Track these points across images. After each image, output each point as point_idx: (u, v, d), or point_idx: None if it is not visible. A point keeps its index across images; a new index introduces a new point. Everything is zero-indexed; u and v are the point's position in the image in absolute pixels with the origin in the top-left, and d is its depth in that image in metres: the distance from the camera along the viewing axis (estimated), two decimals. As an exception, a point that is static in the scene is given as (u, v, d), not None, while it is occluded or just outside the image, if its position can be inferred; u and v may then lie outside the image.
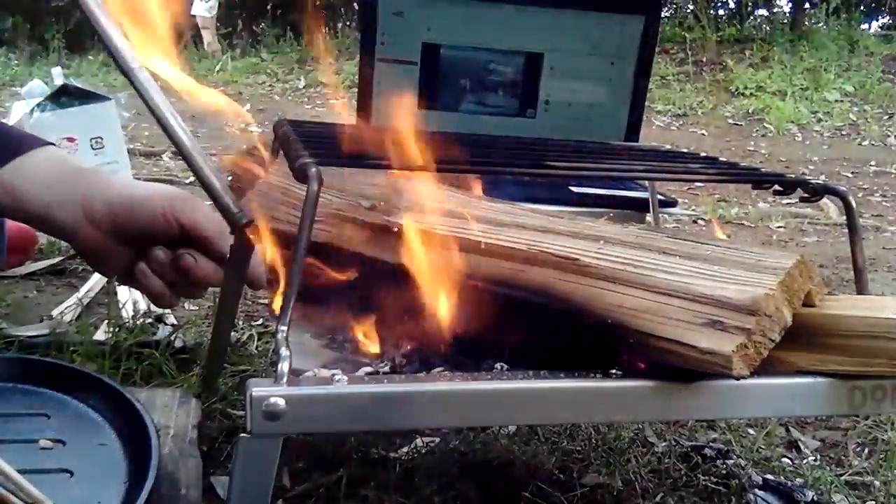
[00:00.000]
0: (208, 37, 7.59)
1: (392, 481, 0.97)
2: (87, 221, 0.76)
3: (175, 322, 1.43)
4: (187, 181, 2.88)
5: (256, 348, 1.38)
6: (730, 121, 5.32)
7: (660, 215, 1.21)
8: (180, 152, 0.68)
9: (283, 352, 0.58)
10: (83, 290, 1.57)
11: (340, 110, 1.05)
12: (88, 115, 1.97)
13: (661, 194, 1.24)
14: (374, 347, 0.75)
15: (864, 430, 1.23)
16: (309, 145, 0.71)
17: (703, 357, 0.59)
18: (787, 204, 3.01)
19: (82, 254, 0.80)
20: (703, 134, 5.04)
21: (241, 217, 0.70)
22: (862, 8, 7.61)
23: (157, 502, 0.77)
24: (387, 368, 0.70)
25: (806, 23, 7.36)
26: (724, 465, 1.07)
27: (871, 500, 1.05)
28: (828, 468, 1.12)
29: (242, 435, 0.57)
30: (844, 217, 0.79)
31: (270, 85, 6.46)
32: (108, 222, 0.76)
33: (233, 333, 1.28)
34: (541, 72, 1.37)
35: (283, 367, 0.57)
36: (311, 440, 1.04)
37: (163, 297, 0.78)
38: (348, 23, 8.12)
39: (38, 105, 1.97)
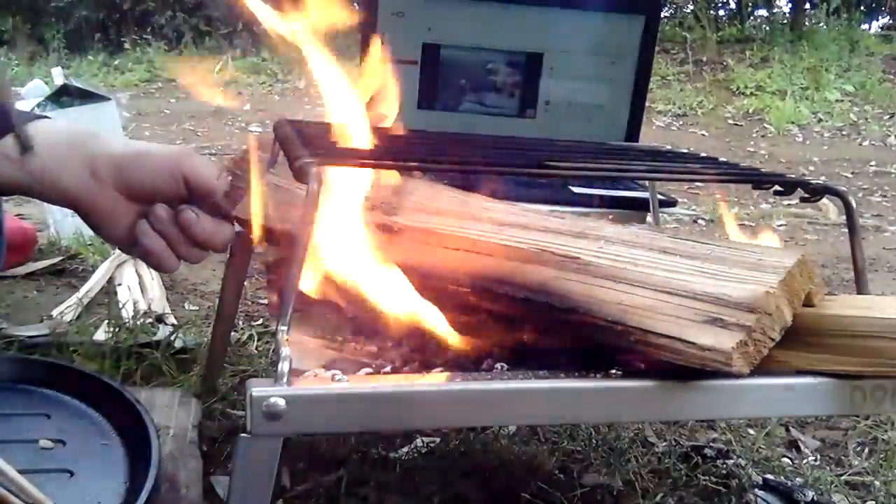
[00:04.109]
0: None
1: (392, 481, 0.97)
2: (91, 178, 0.74)
3: (175, 322, 1.43)
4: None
5: (256, 348, 1.38)
6: (730, 121, 5.32)
7: (660, 215, 1.21)
8: None
9: (284, 352, 0.58)
10: (83, 290, 1.57)
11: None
12: (88, 115, 1.97)
13: (661, 194, 1.24)
14: (374, 347, 0.75)
15: (864, 430, 1.23)
16: (309, 145, 0.71)
17: (702, 354, 0.59)
18: (788, 204, 3.00)
19: (87, 215, 0.77)
20: (703, 134, 5.04)
21: None
22: (862, 8, 7.59)
23: (157, 502, 0.77)
24: (387, 368, 0.70)
25: (806, 23, 7.35)
26: (724, 465, 1.07)
27: (871, 500, 1.05)
28: (828, 468, 1.12)
29: (242, 435, 0.57)
30: (844, 217, 0.79)
31: (270, 85, 6.46)
32: (114, 176, 0.74)
33: (233, 333, 1.28)
34: (541, 72, 1.36)
35: (283, 367, 0.57)
36: (311, 440, 1.04)
37: (161, 258, 0.75)
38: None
39: (38, 105, 1.97)
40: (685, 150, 1.08)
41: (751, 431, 1.20)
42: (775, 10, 7.88)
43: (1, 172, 0.74)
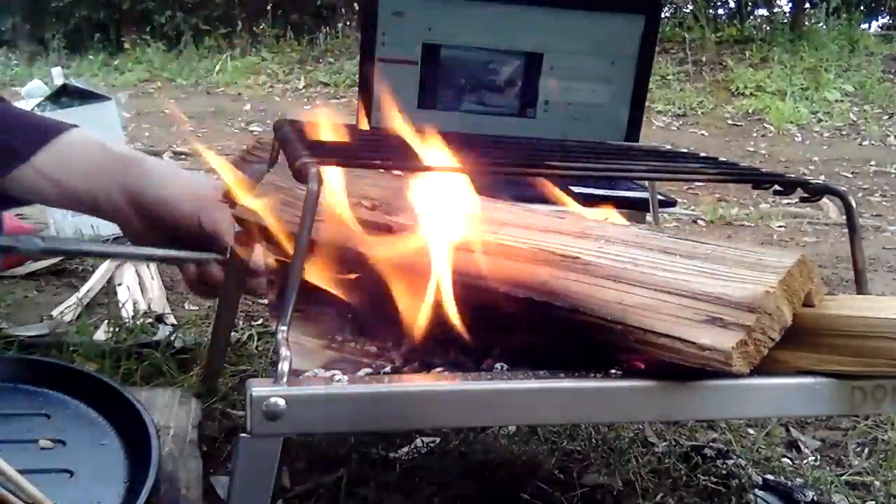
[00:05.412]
0: None
1: (392, 481, 0.97)
2: (129, 209, 0.87)
3: (175, 322, 1.43)
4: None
5: (256, 348, 1.38)
6: (730, 121, 5.32)
7: (660, 215, 1.21)
8: None
9: (283, 352, 0.58)
10: (83, 290, 1.57)
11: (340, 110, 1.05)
12: (88, 115, 1.97)
13: (661, 194, 1.24)
14: (374, 347, 0.75)
15: (864, 430, 1.23)
16: (309, 145, 0.71)
17: (702, 353, 0.59)
18: (788, 204, 3.01)
19: (125, 234, 0.94)
20: (703, 134, 5.04)
21: None
22: (862, 8, 7.59)
23: (157, 502, 0.77)
24: (387, 368, 0.70)
25: (806, 23, 7.35)
26: (724, 465, 1.07)
27: (871, 500, 1.05)
28: (828, 468, 1.12)
29: (242, 435, 0.57)
30: (844, 217, 0.79)
31: (271, 85, 6.46)
32: (145, 216, 0.88)
33: (233, 333, 1.28)
34: (541, 72, 1.36)
35: (283, 367, 0.57)
36: (311, 440, 1.04)
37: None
38: (348, 23, 8.12)
39: (38, 105, 1.97)
40: (685, 150, 1.08)
41: (751, 431, 1.20)
42: (775, 10, 7.89)
43: (37, 190, 0.79)
